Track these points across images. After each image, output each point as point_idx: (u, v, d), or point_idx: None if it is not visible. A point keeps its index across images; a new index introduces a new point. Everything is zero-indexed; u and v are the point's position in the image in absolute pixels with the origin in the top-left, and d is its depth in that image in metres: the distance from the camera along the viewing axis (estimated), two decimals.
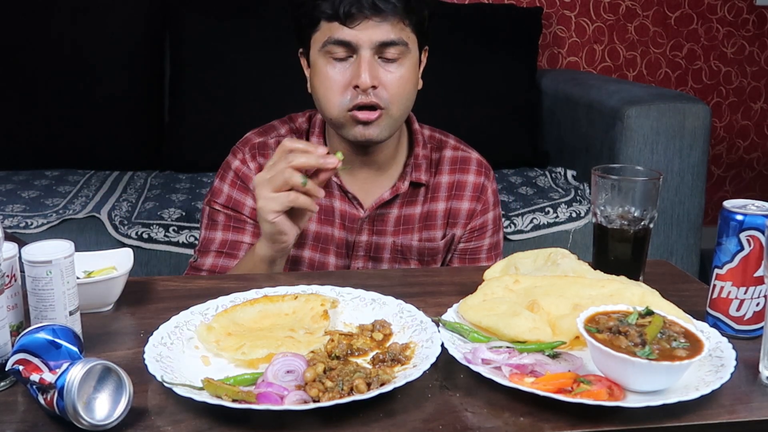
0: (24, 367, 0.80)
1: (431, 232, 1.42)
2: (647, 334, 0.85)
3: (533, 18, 2.85)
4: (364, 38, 1.22)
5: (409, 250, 1.41)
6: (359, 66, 1.23)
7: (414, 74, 1.30)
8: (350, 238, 1.39)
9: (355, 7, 1.20)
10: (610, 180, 1.13)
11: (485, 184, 1.44)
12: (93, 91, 2.54)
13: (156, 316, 1.00)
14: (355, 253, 1.39)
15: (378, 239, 1.39)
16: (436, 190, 1.42)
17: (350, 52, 1.24)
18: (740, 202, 1.01)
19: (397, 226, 1.40)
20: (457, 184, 1.42)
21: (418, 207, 1.41)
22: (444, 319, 0.98)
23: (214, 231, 1.37)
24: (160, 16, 2.64)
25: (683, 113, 2.24)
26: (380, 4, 1.21)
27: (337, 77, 1.25)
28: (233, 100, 2.54)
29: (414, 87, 1.31)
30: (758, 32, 3.39)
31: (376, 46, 1.23)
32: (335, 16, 1.22)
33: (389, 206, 1.39)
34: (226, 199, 1.37)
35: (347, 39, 1.23)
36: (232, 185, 1.37)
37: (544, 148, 2.76)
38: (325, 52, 1.25)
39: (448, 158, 1.43)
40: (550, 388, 0.81)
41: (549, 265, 1.12)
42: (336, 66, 1.25)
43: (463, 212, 1.42)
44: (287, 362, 0.84)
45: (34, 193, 2.24)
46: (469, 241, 1.44)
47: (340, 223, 1.38)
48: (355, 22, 1.21)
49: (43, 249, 0.91)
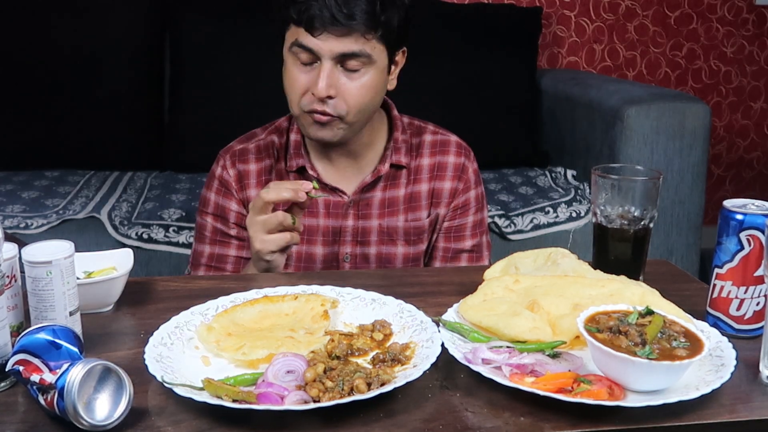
0: (24, 367, 0.80)
1: (416, 213, 1.45)
2: (647, 334, 0.85)
3: (533, 18, 2.85)
4: (326, 48, 1.25)
5: (395, 231, 1.43)
6: (318, 74, 1.26)
7: (378, 82, 1.31)
8: (336, 224, 1.42)
9: (317, 19, 1.22)
10: (610, 180, 1.13)
11: (465, 164, 1.47)
12: (93, 91, 2.53)
13: (156, 317, 1.00)
14: (343, 239, 1.42)
15: (364, 223, 1.42)
16: (418, 173, 1.45)
17: (314, 58, 1.27)
18: (740, 201, 1.01)
19: (382, 208, 1.43)
20: (438, 165, 1.46)
21: (402, 189, 1.44)
22: (444, 319, 0.98)
23: (203, 244, 1.43)
24: (160, 16, 2.64)
25: (683, 113, 2.24)
26: (342, 18, 1.22)
27: (300, 79, 1.29)
28: (233, 100, 2.53)
29: (377, 93, 1.33)
30: (758, 32, 3.39)
31: (337, 56, 1.26)
32: (299, 22, 1.25)
33: (372, 189, 1.42)
34: (213, 207, 1.42)
35: (310, 46, 1.26)
36: (217, 192, 1.42)
37: (544, 148, 2.76)
38: (292, 53, 1.29)
39: (428, 142, 1.47)
40: (550, 388, 0.81)
41: (549, 264, 1.12)
42: (301, 68, 1.29)
43: (445, 191, 1.45)
44: (287, 362, 0.84)
45: (34, 193, 2.24)
46: (453, 219, 1.47)
47: (324, 212, 1.41)
48: (317, 31, 1.24)
49: (43, 249, 0.91)
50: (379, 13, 1.25)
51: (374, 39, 1.27)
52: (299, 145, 1.41)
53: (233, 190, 1.41)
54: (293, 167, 1.40)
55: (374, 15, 1.24)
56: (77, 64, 2.53)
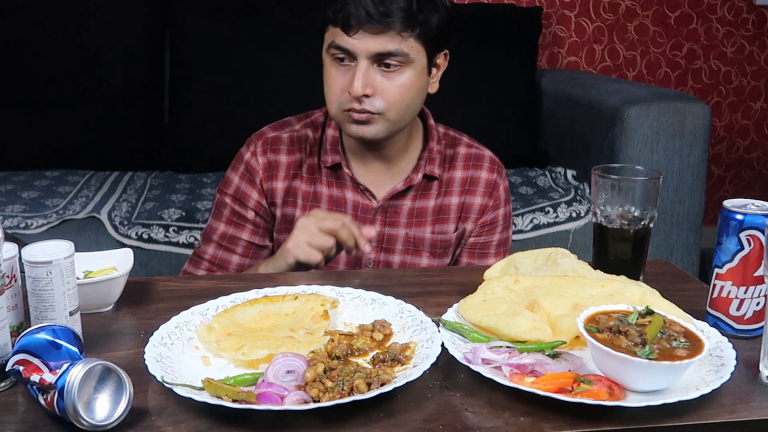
0: (24, 367, 0.80)
1: (444, 225, 1.44)
2: (647, 334, 0.85)
3: (533, 18, 2.85)
4: (361, 48, 1.25)
5: (421, 243, 1.42)
6: (354, 74, 1.26)
7: (417, 82, 1.30)
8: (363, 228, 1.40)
9: (353, 17, 1.22)
10: (610, 180, 1.13)
11: (497, 180, 1.46)
12: (93, 91, 2.53)
13: (156, 317, 1.00)
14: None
15: (390, 231, 1.41)
16: (449, 185, 1.44)
17: (351, 57, 1.27)
18: (740, 201, 1.01)
19: (410, 218, 1.42)
20: (470, 180, 1.45)
21: (432, 200, 1.43)
22: (444, 319, 0.98)
23: (218, 221, 1.42)
24: (160, 16, 2.64)
25: (683, 113, 2.24)
26: (378, 17, 1.22)
27: (337, 79, 1.29)
28: (233, 100, 2.53)
29: (417, 93, 1.32)
30: (758, 32, 3.39)
31: (373, 55, 1.25)
32: (336, 22, 1.25)
33: (402, 198, 1.41)
34: (234, 190, 1.41)
35: (346, 46, 1.26)
36: (241, 177, 1.41)
37: (544, 148, 2.76)
38: (330, 54, 1.29)
39: (462, 155, 1.46)
40: (550, 388, 0.81)
41: (549, 264, 1.12)
42: (339, 68, 1.29)
43: (475, 207, 1.45)
44: (287, 362, 0.84)
45: (34, 193, 2.24)
46: (479, 235, 1.46)
47: (352, 213, 1.40)
48: (353, 31, 1.24)
49: (43, 249, 0.91)
50: (416, 11, 1.24)
51: (411, 38, 1.26)
52: (336, 142, 1.40)
53: (257, 179, 1.40)
54: (327, 162, 1.39)
55: (411, 13, 1.24)
56: (77, 64, 2.53)
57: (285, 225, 1.41)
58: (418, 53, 1.28)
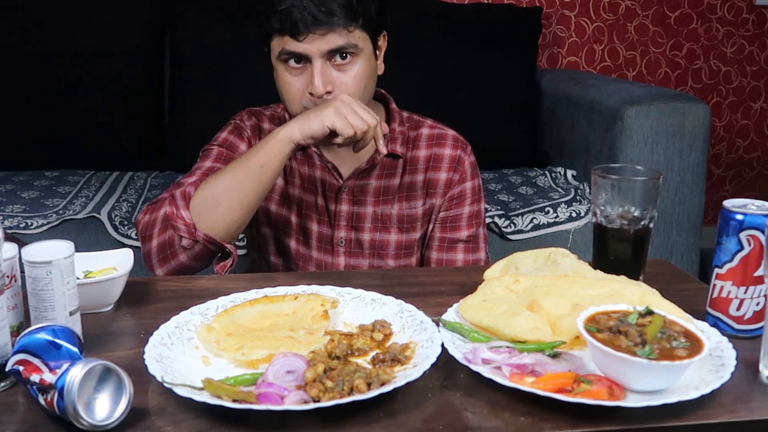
0: (24, 367, 0.80)
1: (412, 202, 1.48)
2: (647, 334, 0.85)
3: (533, 18, 2.85)
4: (313, 49, 1.28)
5: (389, 219, 1.46)
6: (312, 74, 1.30)
7: (369, 67, 1.35)
8: (331, 207, 1.45)
9: (300, 23, 1.26)
10: (610, 180, 1.13)
11: (461, 156, 1.49)
12: (93, 91, 2.53)
13: (156, 317, 1.00)
14: (338, 223, 1.45)
15: (358, 209, 1.46)
16: (414, 163, 1.48)
17: (304, 60, 1.31)
18: (740, 201, 1.01)
19: (377, 196, 1.46)
20: (434, 157, 1.48)
21: (397, 179, 1.47)
22: (444, 319, 0.98)
23: (204, 161, 1.42)
24: (160, 16, 2.64)
25: (683, 113, 2.24)
26: (322, 17, 1.26)
27: (295, 83, 1.33)
28: (233, 101, 2.51)
29: (370, 78, 1.36)
30: (758, 32, 3.39)
31: (326, 53, 1.29)
32: (282, 31, 1.28)
33: (368, 177, 1.45)
34: (222, 140, 1.44)
35: (297, 51, 1.29)
36: (230, 132, 1.45)
37: (544, 148, 2.76)
38: (282, 61, 1.33)
39: (425, 135, 1.50)
40: (550, 388, 0.81)
41: (549, 264, 1.12)
42: (293, 72, 1.33)
43: (441, 182, 1.48)
44: (287, 362, 0.84)
45: (34, 193, 2.24)
46: (448, 209, 1.49)
47: (320, 191, 1.45)
48: (301, 36, 1.27)
49: (43, 249, 0.91)
50: (356, 4, 1.28)
51: (356, 29, 1.30)
52: None
53: (245, 135, 1.44)
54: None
55: (352, 7, 1.28)
56: (77, 64, 2.53)
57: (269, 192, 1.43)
58: (365, 42, 1.33)
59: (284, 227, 1.48)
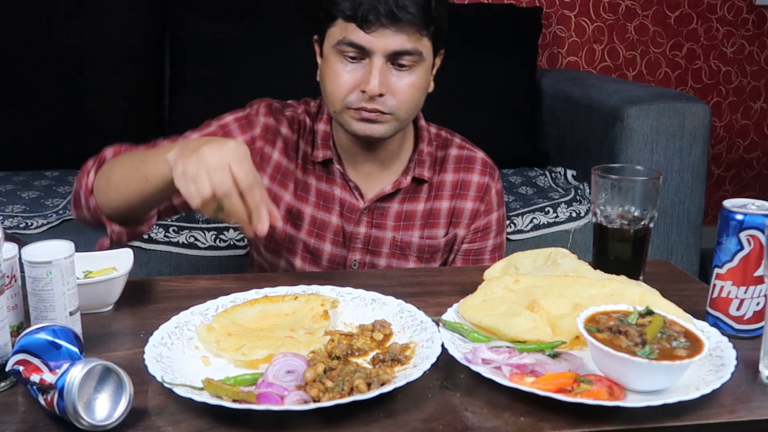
0: (24, 367, 0.80)
1: (433, 230, 1.41)
2: (647, 334, 0.85)
3: (533, 18, 2.85)
4: (379, 45, 1.21)
5: (408, 247, 1.39)
6: (370, 72, 1.22)
7: (425, 80, 1.29)
8: (348, 228, 1.38)
9: (373, 13, 1.18)
10: (610, 180, 1.13)
11: (489, 184, 1.43)
12: (93, 91, 2.53)
13: (156, 317, 1.00)
14: (353, 245, 1.38)
15: (377, 233, 1.38)
16: (440, 188, 1.41)
17: (363, 55, 1.23)
18: (740, 201, 1.01)
19: (397, 221, 1.39)
20: (461, 184, 1.41)
21: (421, 204, 1.40)
22: (444, 319, 0.98)
23: (191, 133, 1.33)
24: (160, 16, 2.64)
25: (683, 113, 2.24)
26: (399, 13, 1.18)
27: (346, 77, 1.24)
28: (233, 101, 2.50)
29: (423, 92, 1.30)
30: (758, 32, 3.39)
31: (390, 53, 1.22)
32: (352, 18, 1.21)
33: (390, 200, 1.38)
34: (224, 125, 1.34)
35: (361, 43, 1.21)
36: (236, 120, 1.35)
37: (544, 148, 2.76)
38: (338, 50, 1.24)
39: (453, 156, 1.42)
40: (550, 388, 0.81)
41: (549, 264, 1.12)
42: (347, 65, 1.24)
43: (466, 212, 1.41)
44: (287, 362, 0.84)
45: (34, 193, 2.24)
46: (473, 242, 1.43)
47: (339, 210, 1.37)
48: (372, 27, 1.20)
49: (43, 249, 0.91)
50: (433, 10, 1.22)
51: (425, 37, 1.24)
52: (328, 137, 1.36)
53: (250, 134, 1.33)
54: (318, 158, 1.35)
55: (429, 12, 1.21)
56: (77, 64, 2.53)
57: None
58: (428, 53, 1.26)
59: (289, 245, 1.38)
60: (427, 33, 1.23)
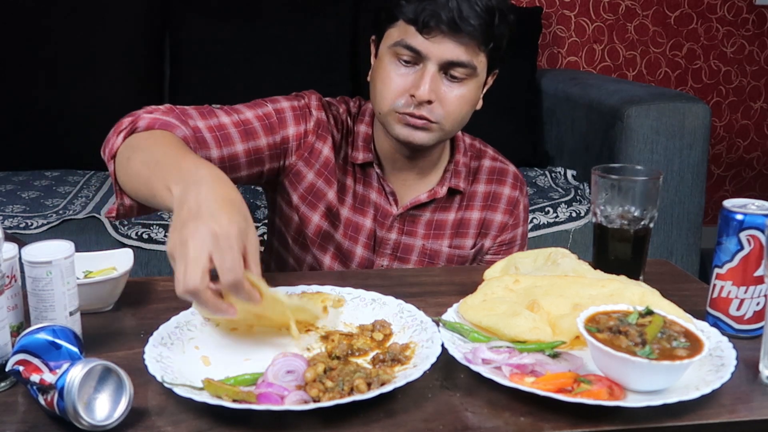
0: (24, 367, 0.80)
1: (463, 240, 1.41)
2: (647, 334, 0.85)
3: (533, 18, 2.85)
4: (435, 52, 1.20)
5: (437, 256, 1.40)
6: (422, 77, 1.21)
7: (475, 96, 1.28)
8: (380, 233, 1.38)
9: (434, 19, 1.17)
10: (610, 180, 1.13)
11: (519, 198, 1.44)
12: (93, 91, 2.53)
13: (156, 316, 1.00)
14: (382, 250, 1.38)
15: (407, 239, 1.38)
16: (471, 199, 1.41)
17: (418, 60, 1.22)
18: (740, 201, 1.01)
19: (428, 229, 1.39)
20: (493, 195, 1.42)
21: (452, 213, 1.40)
22: (444, 319, 0.98)
23: (230, 115, 1.29)
24: (160, 16, 2.64)
25: (683, 113, 2.24)
26: (460, 23, 1.17)
27: (397, 79, 1.23)
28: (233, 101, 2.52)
29: (471, 107, 1.29)
30: (758, 32, 3.39)
31: (444, 62, 1.21)
32: (413, 21, 1.20)
33: (423, 209, 1.38)
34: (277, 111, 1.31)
35: (418, 48, 1.20)
36: (292, 109, 1.32)
37: (544, 148, 2.76)
38: (394, 52, 1.23)
39: (486, 168, 1.43)
40: (550, 388, 0.81)
41: (549, 264, 1.12)
42: (401, 68, 1.24)
43: (495, 224, 1.42)
44: (287, 362, 0.84)
45: (34, 193, 2.24)
46: (497, 254, 1.43)
47: (373, 214, 1.37)
48: (431, 33, 1.18)
49: (43, 249, 0.90)
50: (495, 27, 1.21)
51: (482, 53, 1.23)
52: (369, 140, 1.36)
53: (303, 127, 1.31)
54: (358, 159, 1.35)
55: (491, 28, 1.20)
56: (77, 63, 2.53)
57: (311, 197, 1.34)
58: (482, 69, 1.25)
59: (323, 242, 1.37)
60: (485, 49, 1.22)
